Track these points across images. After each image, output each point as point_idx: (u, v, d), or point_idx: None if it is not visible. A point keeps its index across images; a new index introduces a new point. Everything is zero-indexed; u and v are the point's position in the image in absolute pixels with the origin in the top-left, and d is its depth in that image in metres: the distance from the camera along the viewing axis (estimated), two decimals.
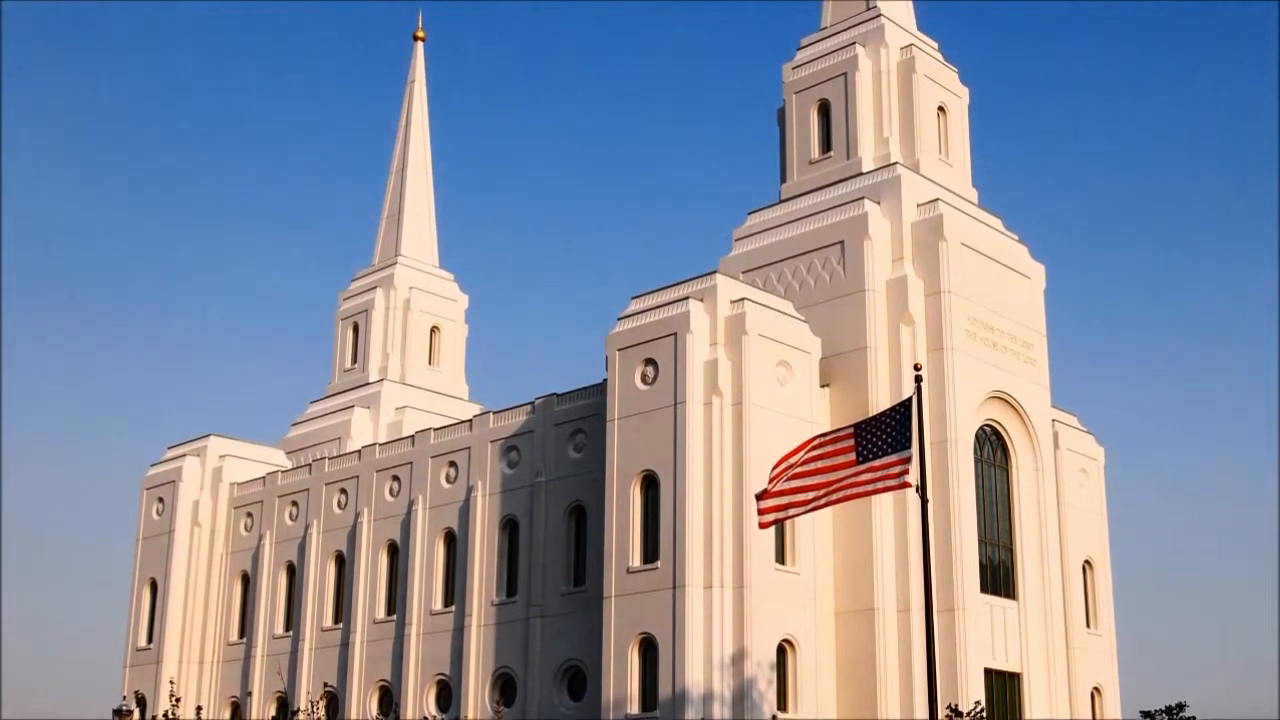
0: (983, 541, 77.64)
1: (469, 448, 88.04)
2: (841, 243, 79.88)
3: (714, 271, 75.25)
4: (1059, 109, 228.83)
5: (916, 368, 44.46)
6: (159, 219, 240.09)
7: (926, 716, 64.60)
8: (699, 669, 68.10)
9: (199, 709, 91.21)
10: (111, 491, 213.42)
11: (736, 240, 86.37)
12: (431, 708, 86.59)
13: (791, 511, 43.80)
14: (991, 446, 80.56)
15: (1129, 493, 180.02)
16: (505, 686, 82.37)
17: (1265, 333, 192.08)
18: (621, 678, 71.15)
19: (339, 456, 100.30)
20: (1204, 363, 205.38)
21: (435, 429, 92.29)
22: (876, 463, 42.09)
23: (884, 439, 42.06)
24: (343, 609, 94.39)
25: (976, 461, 78.33)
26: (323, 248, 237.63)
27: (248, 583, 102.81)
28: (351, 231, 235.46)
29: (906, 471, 41.66)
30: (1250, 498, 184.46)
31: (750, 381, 71.99)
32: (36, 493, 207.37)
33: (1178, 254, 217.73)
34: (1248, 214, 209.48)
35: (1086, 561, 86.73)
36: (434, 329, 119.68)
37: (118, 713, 63.56)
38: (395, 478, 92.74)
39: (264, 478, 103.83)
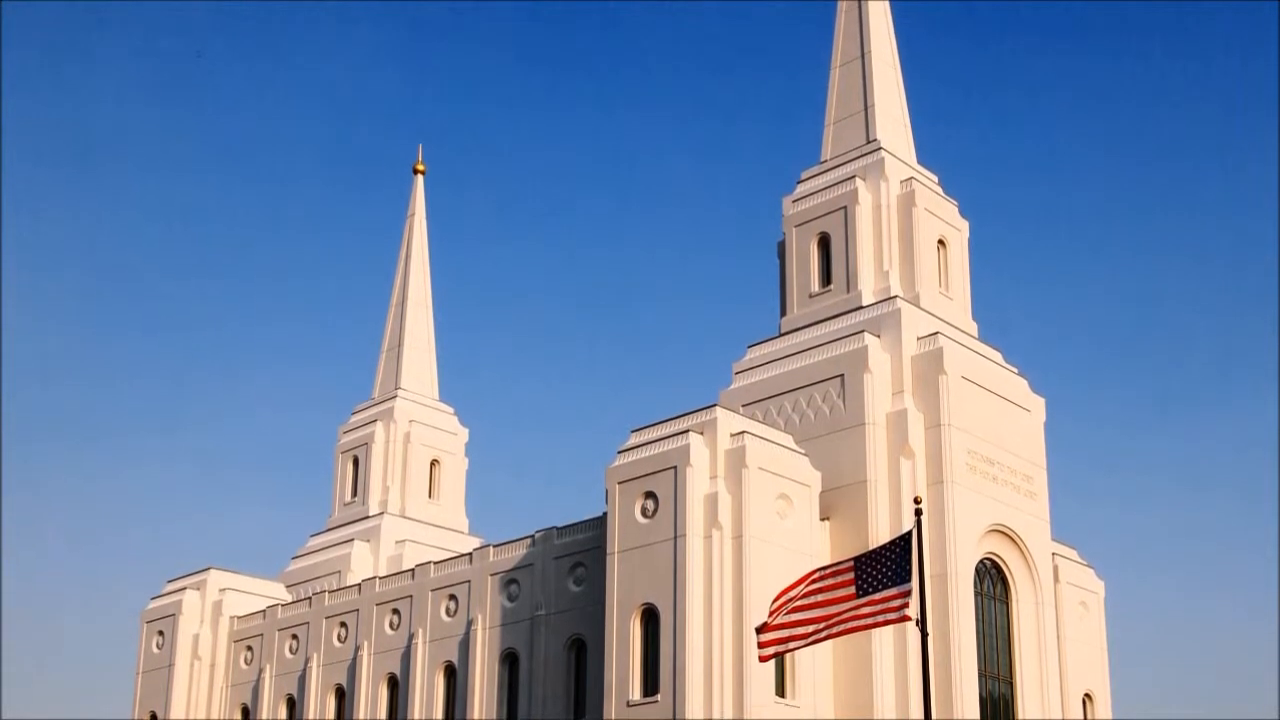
0: (983, 674, 77.38)
1: (469, 581, 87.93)
2: (842, 376, 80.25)
3: (714, 405, 75.59)
4: (1059, 240, 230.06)
5: (916, 501, 44.63)
6: (159, 352, 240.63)
7: None
8: None
9: None
10: (111, 624, 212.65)
11: (736, 373, 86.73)
12: None
13: (791, 645, 43.81)
14: (991, 579, 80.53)
15: (1129, 625, 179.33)
16: None
17: (1266, 465, 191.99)
18: None
19: (339, 590, 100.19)
20: (1204, 495, 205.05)
21: (435, 562, 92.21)
22: (876, 596, 42.15)
23: (884, 572, 42.15)
24: None
25: (976, 594, 78.25)
26: (322, 379, 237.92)
27: (248, 716, 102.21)
28: (351, 363, 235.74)
29: (906, 604, 41.73)
30: (1251, 631, 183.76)
31: (750, 515, 72.10)
32: (36, 625, 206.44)
33: (1178, 386, 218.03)
34: (1247, 347, 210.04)
35: (1087, 695, 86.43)
36: (434, 462, 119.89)
37: None
38: (395, 611, 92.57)
39: (264, 611, 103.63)
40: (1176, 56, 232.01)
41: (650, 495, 73.75)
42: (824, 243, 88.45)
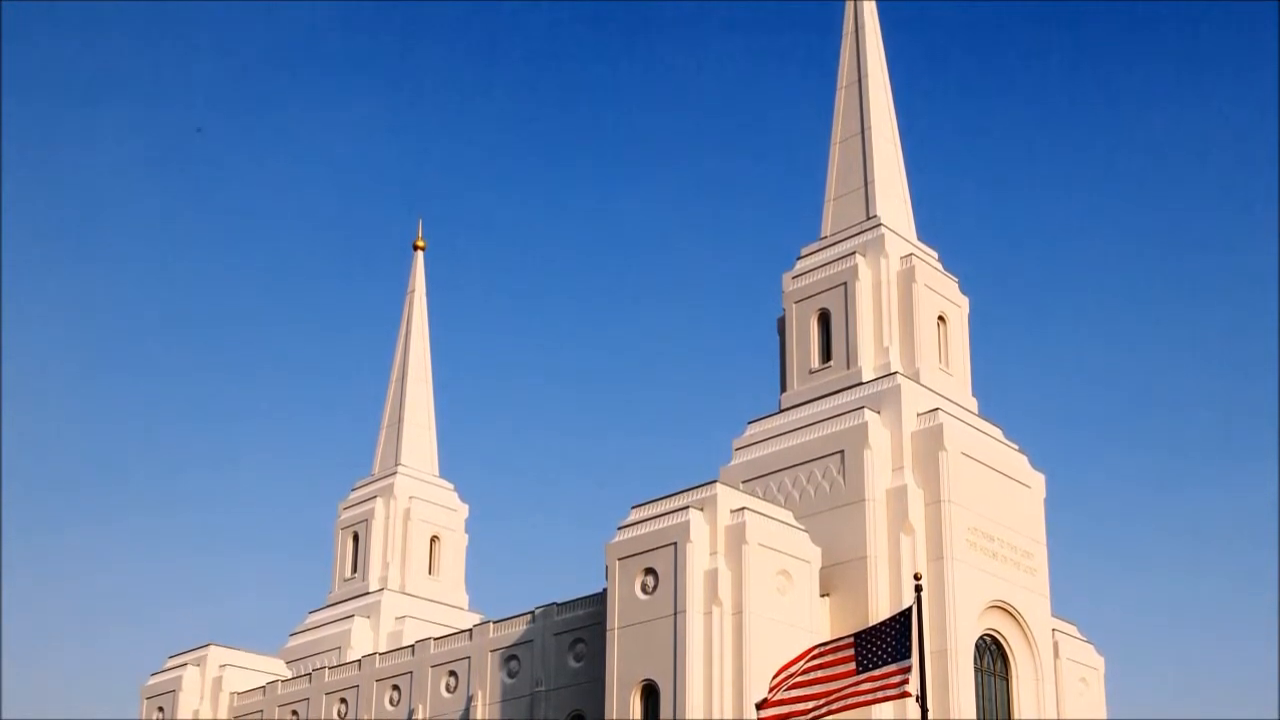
0: None
1: (469, 657, 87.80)
2: (842, 452, 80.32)
3: (714, 481, 75.58)
4: (1059, 314, 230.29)
5: (916, 577, 44.78)
6: (159, 424, 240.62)
7: None
8: None
9: None
10: (112, 700, 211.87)
11: (736, 449, 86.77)
12: None
13: None
14: (991, 656, 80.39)
15: (1130, 699, 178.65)
16: None
17: (1266, 541, 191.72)
18: None
19: (339, 666, 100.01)
20: (1205, 570, 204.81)
21: (435, 638, 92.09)
22: (876, 672, 42.28)
23: (884, 648, 42.28)
24: None
25: (976, 671, 78.08)
26: (322, 455, 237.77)
27: None
28: (351, 438, 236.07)
29: (906, 681, 41.85)
30: (1251, 702, 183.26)
31: (750, 591, 72.03)
32: (38, 701, 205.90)
33: (1178, 461, 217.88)
34: (1248, 415, 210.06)
35: None
36: (434, 538, 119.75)
37: None
38: (395, 687, 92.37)
39: (264, 687, 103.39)
40: (1179, 129, 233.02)
41: (650, 571, 73.71)
42: (824, 319, 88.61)
